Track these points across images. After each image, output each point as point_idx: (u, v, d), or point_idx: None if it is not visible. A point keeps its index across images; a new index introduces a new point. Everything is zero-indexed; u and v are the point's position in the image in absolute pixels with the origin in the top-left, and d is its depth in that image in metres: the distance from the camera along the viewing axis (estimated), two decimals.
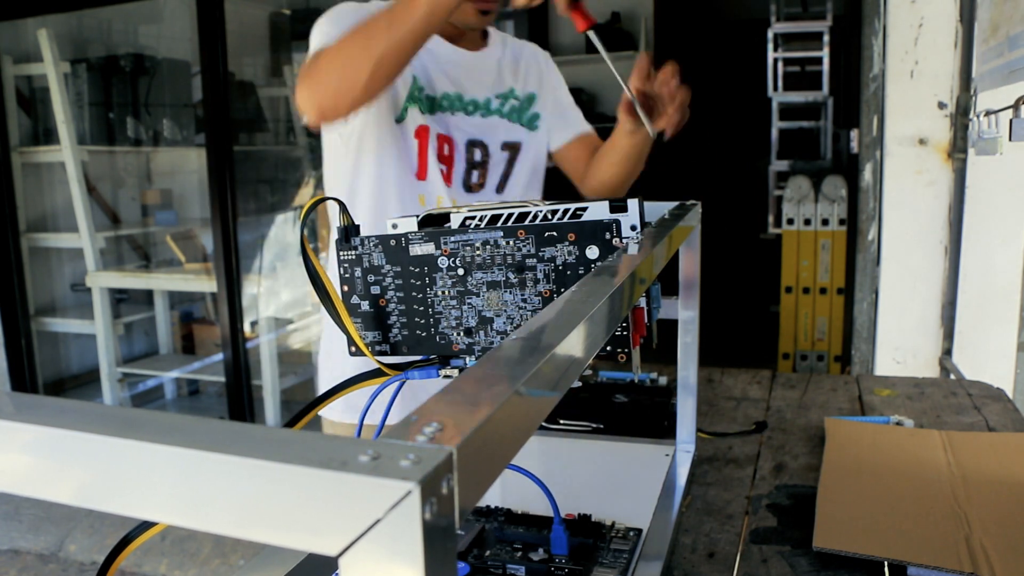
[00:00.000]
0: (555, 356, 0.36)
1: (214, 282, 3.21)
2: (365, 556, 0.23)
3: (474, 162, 1.26)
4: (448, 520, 0.25)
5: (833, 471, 0.94)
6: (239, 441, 0.25)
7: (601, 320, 0.44)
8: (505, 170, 1.29)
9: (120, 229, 3.79)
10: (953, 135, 2.45)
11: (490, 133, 1.27)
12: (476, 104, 1.27)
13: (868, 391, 1.29)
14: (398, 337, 0.69)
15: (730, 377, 1.40)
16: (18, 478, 0.28)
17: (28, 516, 2.85)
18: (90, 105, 3.48)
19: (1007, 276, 2.06)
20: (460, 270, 0.66)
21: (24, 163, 3.55)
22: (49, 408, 0.29)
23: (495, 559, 0.74)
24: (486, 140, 1.27)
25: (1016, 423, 1.12)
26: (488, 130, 1.27)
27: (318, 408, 0.65)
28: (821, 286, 3.34)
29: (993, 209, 2.35)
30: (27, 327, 3.58)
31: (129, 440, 0.26)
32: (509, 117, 1.30)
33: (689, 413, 0.98)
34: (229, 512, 0.25)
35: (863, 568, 0.75)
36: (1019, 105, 1.69)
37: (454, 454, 0.25)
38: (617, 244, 0.62)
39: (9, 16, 3.46)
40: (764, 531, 0.85)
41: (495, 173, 1.28)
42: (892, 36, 2.50)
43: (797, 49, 3.71)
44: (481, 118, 1.27)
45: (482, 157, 1.27)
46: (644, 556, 0.75)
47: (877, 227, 2.62)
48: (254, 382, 3.34)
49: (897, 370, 2.63)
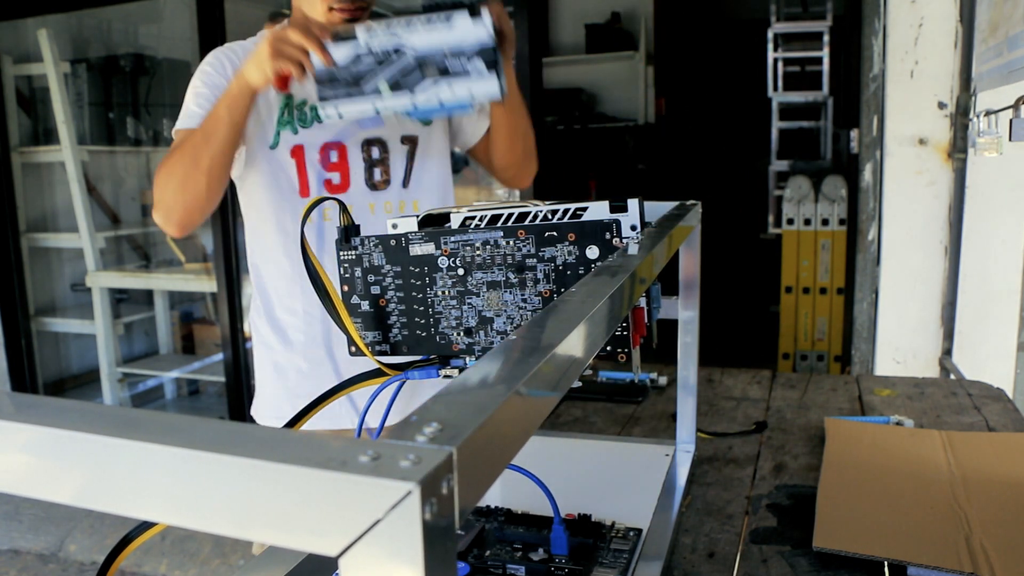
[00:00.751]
0: (555, 356, 0.36)
1: (214, 282, 3.20)
2: (365, 556, 0.23)
3: (373, 160, 1.25)
4: (448, 520, 0.25)
5: (833, 471, 0.94)
6: (239, 441, 0.25)
7: (601, 320, 0.44)
8: (407, 164, 1.28)
9: (120, 229, 3.79)
10: (953, 135, 2.45)
11: (386, 129, 1.26)
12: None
13: (868, 391, 1.29)
14: (398, 337, 0.69)
15: (730, 377, 1.40)
16: (18, 478, 0.28)
17: (28, 516, 2.85)
18: (90, 105, 3.48)
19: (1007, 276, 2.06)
20: (460, 270, 0.66)
21: (24, 163, 3.55)
22: (49, 408, 0.29)
23: (495, 559, 0.74)
24: (383, 136, 1.25)
25: (1016, 423, 1.12)
26: (383, 126, 1.25)
27: (318, 408, 0.65)
28: (821, 286, 3.34)
29: (993, 209, 2.35)
30: (27, 327, 3.58)
31: (129, 440, 0.26)
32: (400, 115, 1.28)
33: (689, 413, 0.98)
34: (229, 512, 0.25)
35: (863, 568, 0.75)
36: (1019, 105, 1.69)
37: (454, 454, 0.25)
38: (617, 244, 0.62)
39: (9, 16, 3.46)
40: (764, 531, 0.85)
41: (398, 168, 1.27)
42: (892, 36, 2.50)
43: (797, 49, 3.71)
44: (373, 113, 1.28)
45: (381, 154, 1.25)
46: (644, 556, 0.75)
47: (877, 227, 2.62)
48: (254, 382, 3.33)
49: (897, 370, 2.63)
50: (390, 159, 1.26)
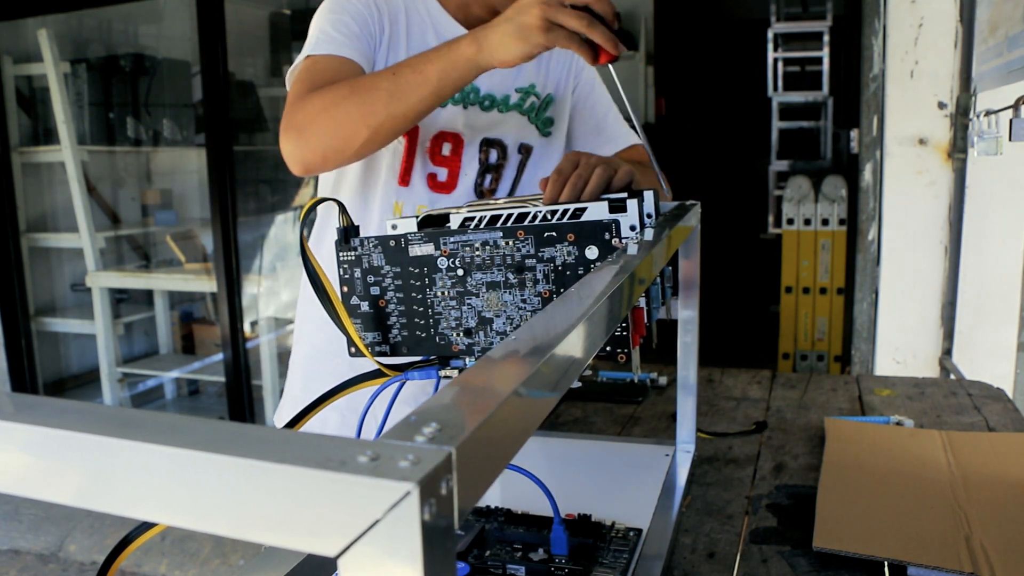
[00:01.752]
0: (555, 356, 0.36)
1: (214, 282, 3.20)
2: (364, 557, 0.23)
3: (489, 164, 1.10)
4: (447, 521, 0.25)
5: (833, 471, 0.94)
6: (239, 441, 0.25)
7: (601, 320, 0.44)
8: (517, 175, 1.14)
9: (120, 229, 3.79)
10: (953, 135, 2.45)
11: (508, 131, 1.11)
12: (493, 99, 1.10)
13: (868, 391, 1.29)
14: (398, 338, 0.69)
15: (730, 377, 1.40)
16: (18, 478, 0.28)
17: (28, 516, 2.85)
18: (90, 105, 3.48)
19: (1007, 276, 2.06)
20: (460, 271, 0.66)
21: (24, 163, 3.55)
22: (49, 408, 0.29)
23: (495, 559, 0.74)
24: (504, 139, 1.10)
25: (1016, 423, 1.12)
26: (506, 128, 1.11)
27: (318, 408, 0.65)
28: (821, 286, 3.34)
29: (993, 209, 2.35)
30: (27, 327, 3.58)
31: (128, 440, 0.26)
32: (528, 114, 1.14)
33: (689, 413, 0.98)
34: (228, 512, 0.25)
35: (863, 568, 0.75)
36: (1019, 105, 1.69)
37: (453, 454, 0.25)
38: (617, 244, 0.62)
39: (9, 16, 3.46)
40: (764, 531, 0.85)
41: (508, 178, 1.13)
42: (892, 36, 2.50)
43: (797, 49, 3.71)
44: (499, 114, 1.11)
45: (498, 159, 1.11)
46: (644, 556, 0.75)
47: (877, 227, 2.61)
48: (254, 382, 3.33)
49: (897, 370, 2.63)
50: (506, 167, 1.11)
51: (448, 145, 1.06)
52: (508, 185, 1.12)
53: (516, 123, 1.11)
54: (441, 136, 1.06)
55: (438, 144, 1.05)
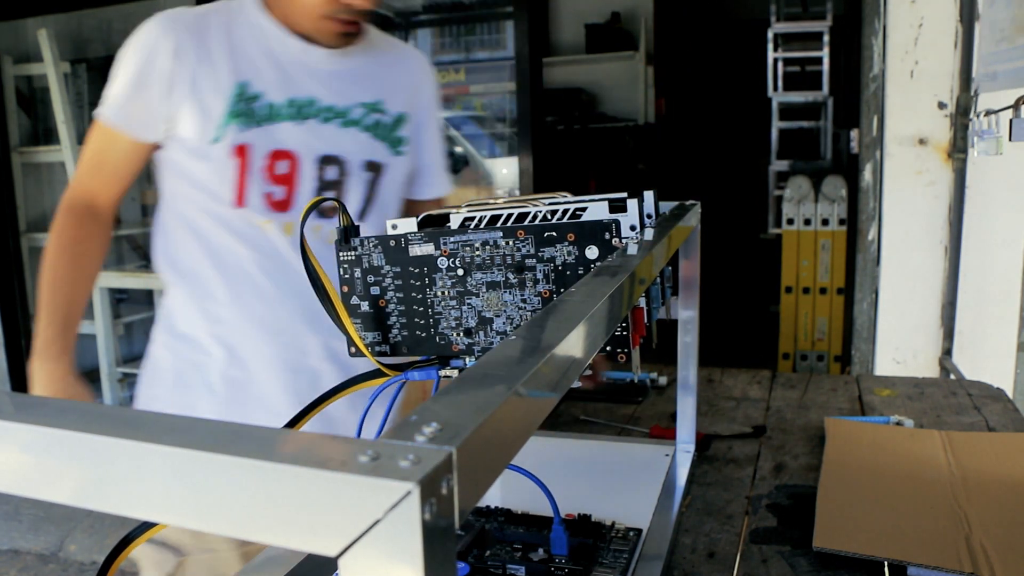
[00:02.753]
0: (555, 356, 0.36)
1: None
2: (364, 557, 0.23)
3: (326, 181, 1.07)
4: (448, 520, 0.25)
5: (833, 471, 0.94)
6: (239, 441, 0.25)
7: (601, 320, 0.44)
8: (367, 194, 1.11)
9: (120, 229, 3.79)
10: (953, 135, 2.45)
11: (347, 148, 1.08)
12: (333, 111, 1.08)
13: (868, 391, 1.29)
14: (398, 338, 0.69)
15: (730, 377, 1.40)
16: (18, 478, 0.28)
17: (28, 516, 2.85)
18: (90, 105, 3.48)
19: (1007, 276, 2.06)
20: (460, 270, 0.66)
21: (24, 163, 3.55)
22: (49, 408, 0.29)
23: (495, 559, 0.74)
24: (343, 156, 1.08)
25: (1016, 423, 1.12)
26: (343, 144, 1.08)
27: (318, 408, 0.65)
28: (821, 286, 3.34)
29: (993, 209, 2.35)
30: (27, 327, 3.58)
31: (129, 440, 0.26)
32: (373, 132, 1.11)
33: (689, 413, 0.98)
34: (228, 512, 0.25)
35: (863, 568, 0.75)
36: (1019, 105, 1.69)
37: (454, 454, 0.25)
38: (617, 244, 0.62)
39: (9, 16, 3.46)
40: (764, 531, 0.85)
41: (354, 197, 1.09)
42: (892, 36, 2.50)
43: (797, 49, 3.71)
44: (339, 128, 1.08)
45: (338, 175, 1.08)
46: (644, 556, 0.75)
47: (877, 227, 2.61)
48: None
49: (897, 370, 2.63)
50: (346, 184, 1.09)
51: (285, 163, 1.05)
52: (357, 205, 1.10)
53: (356, 140, 1.09)
54: (277, 155, 1.05)
55: (274, 162, 1.04)
